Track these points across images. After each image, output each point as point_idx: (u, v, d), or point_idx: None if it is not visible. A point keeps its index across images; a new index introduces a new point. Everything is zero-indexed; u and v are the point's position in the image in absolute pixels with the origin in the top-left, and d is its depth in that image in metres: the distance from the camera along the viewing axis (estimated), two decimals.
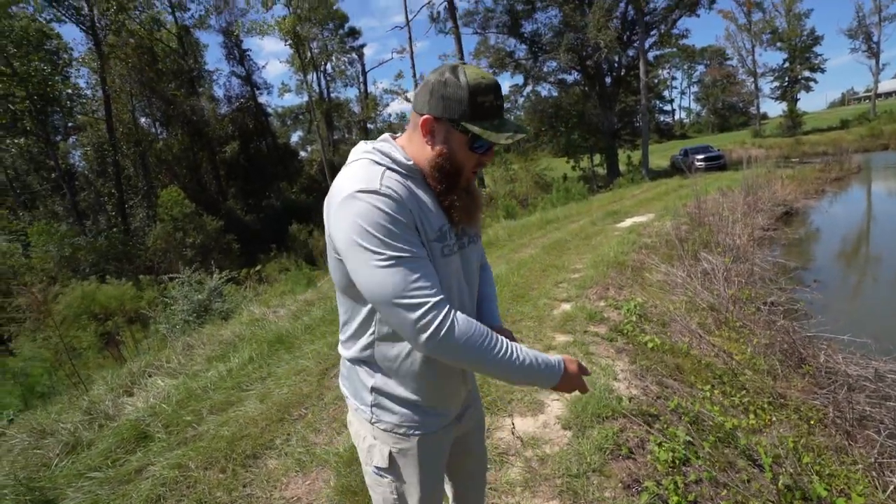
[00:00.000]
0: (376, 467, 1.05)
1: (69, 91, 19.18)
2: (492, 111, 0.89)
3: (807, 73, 37.32)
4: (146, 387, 3.81)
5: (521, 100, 28.45)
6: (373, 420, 1.03)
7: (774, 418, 2.56)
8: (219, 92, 29.33)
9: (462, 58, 22.85)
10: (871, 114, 35.98)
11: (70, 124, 21.38)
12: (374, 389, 1.02)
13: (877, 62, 37.13)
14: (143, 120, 25.09)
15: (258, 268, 14.64)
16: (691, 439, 2.26)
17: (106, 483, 2.32)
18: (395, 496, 1.06)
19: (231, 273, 9.55)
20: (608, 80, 24.13)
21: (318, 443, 2.49)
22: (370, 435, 1.05)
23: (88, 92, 21.04)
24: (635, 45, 21.27)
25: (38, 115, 17.94)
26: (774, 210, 9.33)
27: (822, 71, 37.50)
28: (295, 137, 45.11)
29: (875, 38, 36.61)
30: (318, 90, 32.98)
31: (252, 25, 25.69)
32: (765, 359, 3.16)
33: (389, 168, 0.91)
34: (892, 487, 2.21)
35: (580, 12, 21.19)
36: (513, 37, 25.42)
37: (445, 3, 22.57)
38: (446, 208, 0.94)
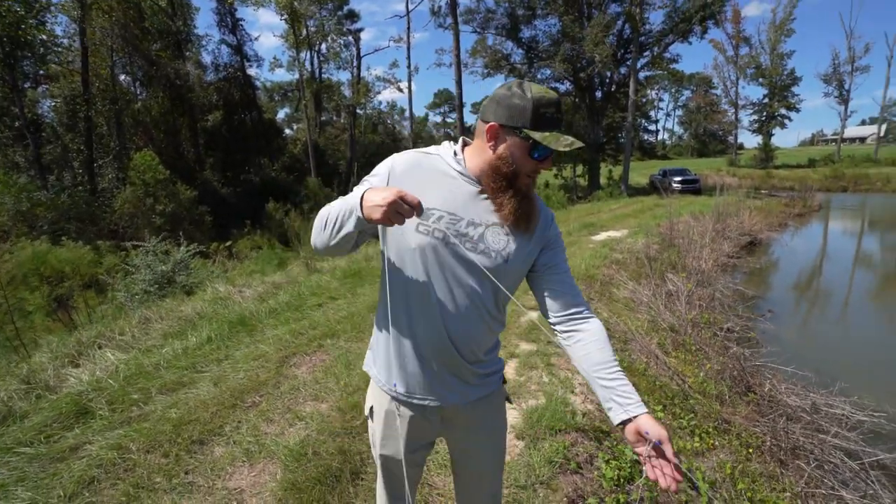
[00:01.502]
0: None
1: (44, 37, 18.12)
2: (552, 122, 0.98)
3: (783, 111, 38.85)
4: (94, 359, 3.65)
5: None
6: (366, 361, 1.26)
7: (717, 443, 2.66)
8: (206, 59, 28.30)
9: (458, 55, 22.77)
10: (836, 156, 37.90)
11: (41, 72, 20.19)
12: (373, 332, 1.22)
13: (846, 108, 39.07)
14: (122, 77, 23.95)
15: (229, 243, 14.27)
16: (638, 458, 2.33)
17: (36, 459, 2.22)
18: (372, 441, 1.25)
19: (200, 246, 9.25)
20: (599, 94, 24.50)
21: (270, 433, 2.45)
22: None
23: (65, 41, 19.94)
24: (628, 63, 21.65)
25: (7, 59, 16.89)
26: (740, 239, 9.70)
27: (797, 110, 39.11)
28: (281, 114, 44.07)
29: (846, 86, 38.49)
30: (310, 69, 32.24)
31: None
32: (715, 384, 3.28)
33: (429, 154, 1.09)
34: None
35: (579, 25, 21.40)
36: (511, 40, 25.48)
37: None
38: (497, 206, 1.03)
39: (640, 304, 5.19)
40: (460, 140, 1.11)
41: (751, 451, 2.61)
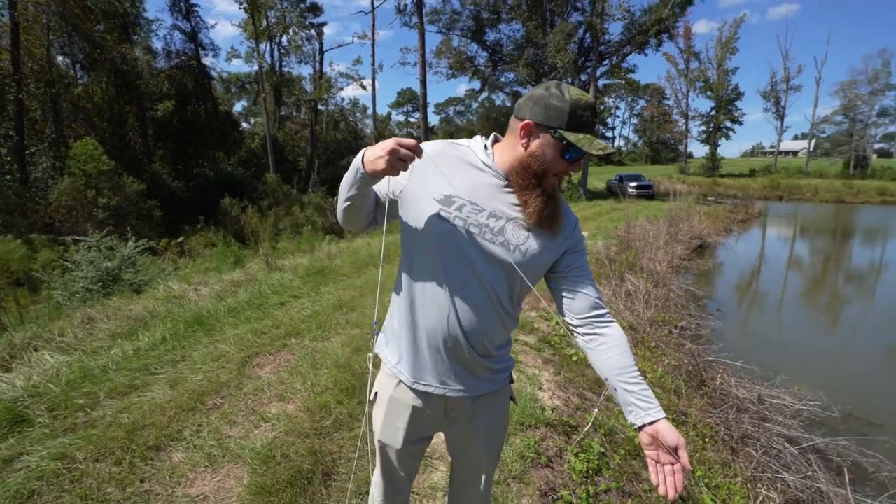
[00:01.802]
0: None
1: None
2: (587, 125, 0.99)
3: (728, 123, 41.56)
4: (29, 362, 3.35)
5: (475, 105, 28.92)
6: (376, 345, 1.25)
7: None
8: (157, 44, 26.77)
9: (423, 55, 22.74)
10: (773, 167, 41.00)
11: None
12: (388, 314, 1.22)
13: (781, 123, 42.46)
14: (60, 59, 22.17)
15: (181, 239, 13.53)
16: (604, 451, 2.41)
17: None
18: (374, 429, 1.23)
19: (150, 242, 8.72)
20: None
21: (233, 436, 2.34)
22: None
23: None
24: (588, 70, 22.40)
25: None
26: (691, 242, 10.25)
27: (740, 123, 41.95)
28: (238, 107, 42.36)
29: (782, 103, 41.77)
30: (269, 61, 31.12)
31: None
32: (672, 379, 3.45)
33: (458, 144, 1.10)
34: (761, 498, 2.51)
35: (542, 31, 21.93)
36: (476, 42, 25.74)
37: None
38: (522, 202, 1.03)
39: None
40: (492, 135, 1.13)
41: (706, 440, 2.76)
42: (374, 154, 0.91)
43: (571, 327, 1.12)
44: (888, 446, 2.97)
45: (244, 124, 37.07)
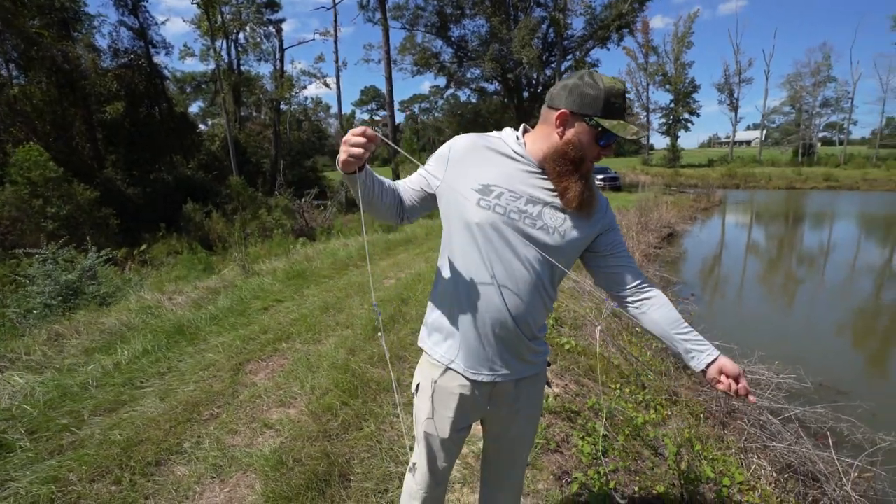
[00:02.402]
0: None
1: None
2: (619, 112, 1.03)
3: (686, 115, 43.39)
4: None
5: (440, 102, 28.93)
6: (420, 336, 1.26)
7: (670, 413, 2.91)
8: (102, 42, 25.31)
9: (388, 51, 22.52)
10: (729, 157, 43.09)
11: None
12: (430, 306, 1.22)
13: (735, 114, 44.69)
14: None
15: (143, 248, 12.91)
16: (607, 433, 2.49)
17: None
18: (415, 419, 1.25)
19: (113, 252, 8.27)
20: (526, 94, 25.59)
21: (237, 445, 2.26)
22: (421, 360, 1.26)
23: None
24: (553, 65, 22.84)
25: None
26: (661, 231, 10.66)
27: (698, 115, 43.92)
28: (195, 108, 40.66)
29: (736, 95, 43.95)
30: (227, 60, 30.01)
31: None
32: (661, 361, 3.59)
33: (489, 136, 1.13)
34: (753, 467, 2.66)
35: (507, 27, 22.15)
36: (440, 38, 25.74)
37: None
38: (562, 190, 1.06)
39: (583, 294, 5.51)
40: (521, 126, 1.16)
41: (699, 417, 2.89)
42: (345, 150, 0.96)
43: (621, 299, 1.18)
44: (860, 410, 3.20)
45: (202, 126, 35.62)
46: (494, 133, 1.15)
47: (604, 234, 1.15)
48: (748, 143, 69.68)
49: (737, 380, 1.06)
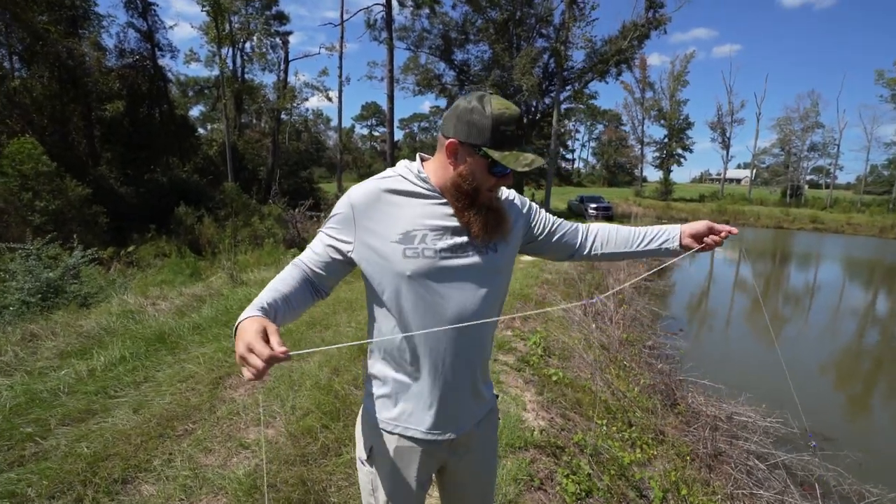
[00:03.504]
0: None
1: None
2: (512, 140, 0.96)
3: (679, 150, 44.40)
4: None
5: (440, 122, 29.33)
6: (364, 407, 1.13)
7: (656, 452, 2.87)
8: (109, 42, 25.36)
9: (392, 70, 22.88)
10: (720, 193, 44.00)
11: None
12: (368, 376, 1.11)
13: (727, 152, 45.82)
14: None
15: (130, 248, 12.70)
16: (592, 472, 2.43)
17: None
18: (371, 487, 1.13)
19: (100, 251, 8.11)
20: (525, 120, 26.01)
21: (210, 464, 2.17)
22: (359, 422, 1.15)
23: None
24: (552, 94, 23.31)
25: None
26: (652, 264, 10.73)
27: (691, 151, 45.03)
28: (195, 112, 40.73)
29: (728, 134, 45.17)
30: (231, 67, 30.25)
31: None
32: (648, 398, 3.55)
33: (386, 178, 1.03)
34: None
35: (509, 54, 22.67)
36: (443, 61, 26.24)
37: (383, 12, 22.54)
38: (464, 224, 1.00)
39: (572, 323, 5.49)
40: (417, 156, 1.08)
41: (686, 458, 2.85)
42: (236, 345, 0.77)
43: (576, 255, 1.22)
44: (848, 461, 3.17)
45: (201, 130, 35.64)
46: (390, 171, 1.06)
47: (533, 226, 1.16)
48: (738, 181, 71.31)
49: (711, 231, 1.13)
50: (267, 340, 0.75)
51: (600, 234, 1.21)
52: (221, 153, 26.92)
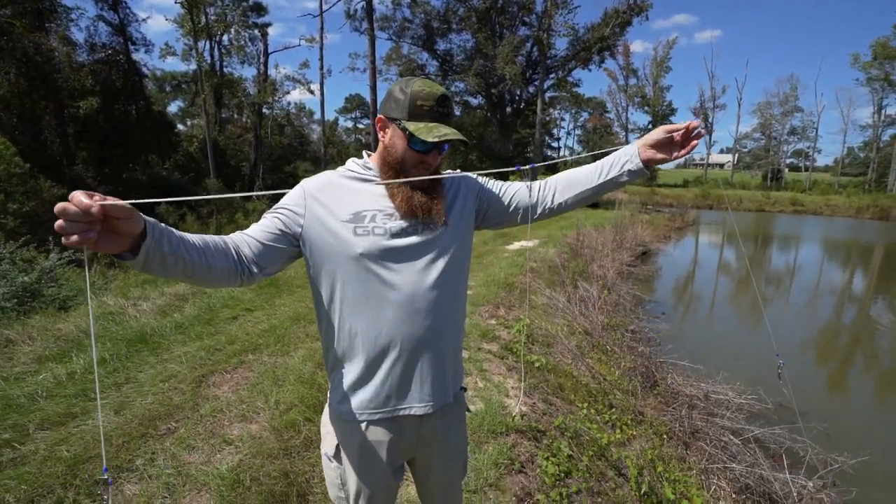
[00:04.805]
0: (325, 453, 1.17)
1: None
2: (429, 115, 1.00)
3: None
4: None
5: None
6: (329, 403, 1.15)
7: (635, 432, 2.95)
8: (79, 36, 24.55)
9: (374, 61, 22.61)
10: (703, 178, 44.63)
11: None
12: (330, 370, 1.13)
13: (710, 138, 46.47)
14: None
15: None
16: (572, 454, 2.50)
17: None
18: (340, 482, 1.14)
19: (74, 253, 7.95)
20: (509, 109, 25.98)
21: (193, 462, 2.18)
22: (325, 417, 1.18)
23: None
24: (536, 83, 23.28)
25: None
26: (636, 249, 10.89)
27: None
28: (174, 107, 39.80)
29: (710, 119, 45.72)
30: (209, 61, 29.57)
31: None
32: (629, 380, 3.64)
33: (336, 170, 1.10)
34: (713, 488, 2.71)
35: (492, 43, 22.54)
36: (426, 51, 26.00)
37: (364, 2, 22.21)
38: (390, 196, 1.04)
39: (556, 310, 5.57)
40: (364, 152, 1.14)
41: (663, 437, 2.94)
42: None
43: (540, 213, 1.19)
44: (815, 432, 3.31)
45: (181, 126, 34.88)
46: (341, 168, 1.12)
47: (481, 198, 1.17)
48: (721, 165, 72.35)
49: (673, 137, 1.08)
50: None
51: (559, 184, 1.18)
52: (202, 149, 26.46)
